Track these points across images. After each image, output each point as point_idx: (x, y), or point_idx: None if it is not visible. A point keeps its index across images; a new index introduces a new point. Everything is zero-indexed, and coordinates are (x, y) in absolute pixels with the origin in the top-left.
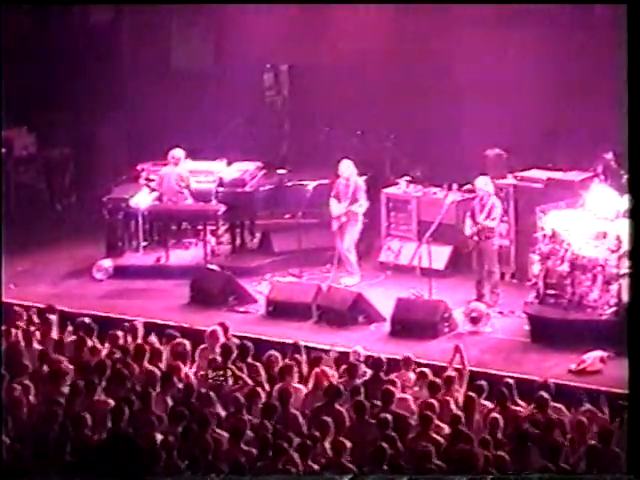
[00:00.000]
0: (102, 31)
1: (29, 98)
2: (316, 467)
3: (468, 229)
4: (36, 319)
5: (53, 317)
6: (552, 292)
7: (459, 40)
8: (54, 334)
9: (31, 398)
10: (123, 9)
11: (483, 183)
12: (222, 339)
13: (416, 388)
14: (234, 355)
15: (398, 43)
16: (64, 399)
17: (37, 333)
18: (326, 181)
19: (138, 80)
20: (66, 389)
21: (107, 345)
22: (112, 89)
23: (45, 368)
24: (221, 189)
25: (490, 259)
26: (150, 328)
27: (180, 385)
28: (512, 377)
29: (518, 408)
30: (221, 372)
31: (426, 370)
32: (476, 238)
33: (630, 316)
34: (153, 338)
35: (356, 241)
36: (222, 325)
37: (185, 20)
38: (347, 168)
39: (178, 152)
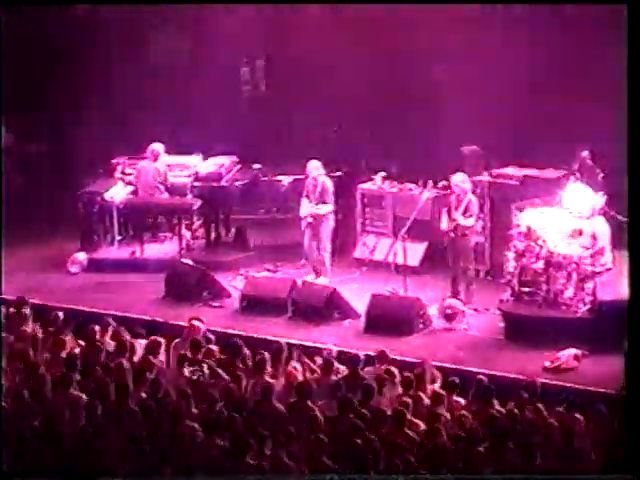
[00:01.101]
0: (79, 27)
1: (5, 93)
2: (292, 464)
3: (445, 225)
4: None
5: (26, 310)
6: (527, 289)
7: (437, 37)
8: (27, 328)
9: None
10: (100, 5)
11: (460, 180)
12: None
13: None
14: (215, 350)
15: (376, 39)
16: (37, 394)
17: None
18: (302, 176)
19: (115, 74)
20: (39, 383)
21: (81, 339)
22: (89, 83)
23: (17, 362)
24: (197, 183)
25: (466, 256)
26: (124, 322)
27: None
28: (486, 374)
29: (497, 407)
30: (197, 367)
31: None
32: (452, 235)
33: (630, 315)
34: (126, 333)
35: (330, 239)
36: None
37: (162, 15)
38: (314, 168)
39: (158, 147)
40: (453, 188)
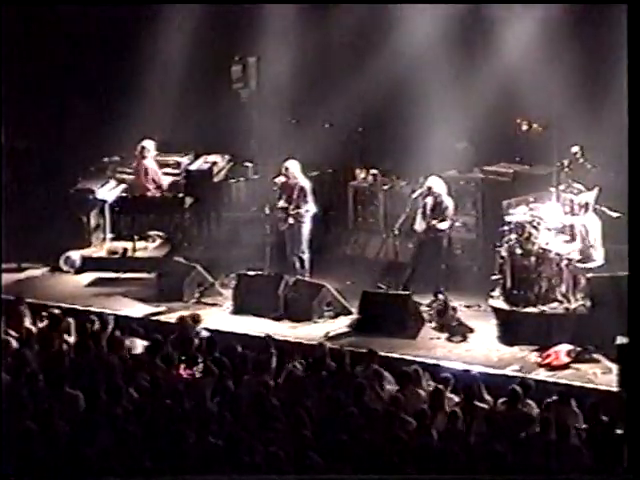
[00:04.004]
0: (71, 23)
1: None
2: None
3: (418, 226)
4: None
5: (21, 308)
6: (519, 285)
7: (428, 31)
8: (22, 325)
9: None
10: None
11: (435, 182)
12: (191, 330)
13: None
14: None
15: (366, 34)
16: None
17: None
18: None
19: (106, 72)
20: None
21: (74, 337)
22: (79, 80)
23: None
24: (189, 181)
25: (439, 256)
26: (116, 321)
27: (146, 378)
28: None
29: (484, 405)
30: (197, 366)
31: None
32: (423, 236)
33: (630, 315)
34: (117, 332)
35: (309, 239)
36: (193, 317)
37: (154, 11)
38: (292, 167)
39: (148, 144)
40: (428, 191)
